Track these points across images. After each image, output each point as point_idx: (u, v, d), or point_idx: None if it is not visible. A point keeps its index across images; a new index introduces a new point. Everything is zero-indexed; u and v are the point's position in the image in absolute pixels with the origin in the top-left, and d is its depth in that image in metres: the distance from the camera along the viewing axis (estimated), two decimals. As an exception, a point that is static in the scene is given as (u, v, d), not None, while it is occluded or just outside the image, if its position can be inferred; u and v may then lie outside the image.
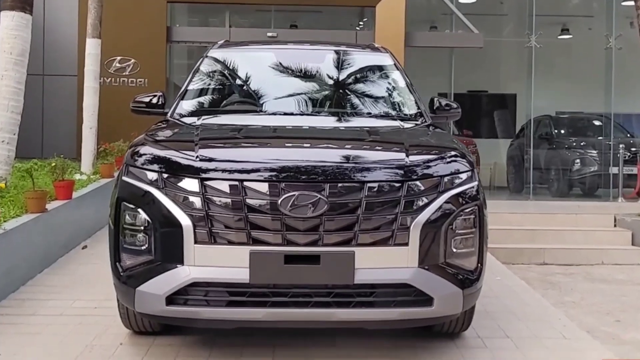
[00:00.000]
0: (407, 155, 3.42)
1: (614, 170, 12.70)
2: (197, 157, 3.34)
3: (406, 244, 3.21)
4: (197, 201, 3.19)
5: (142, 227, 3.31)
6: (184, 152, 3.43)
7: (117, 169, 8.60)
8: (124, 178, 3.45)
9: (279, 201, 3.13)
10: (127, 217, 3.37)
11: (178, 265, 3.18)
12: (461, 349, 3.78)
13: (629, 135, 14.13)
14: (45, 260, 5.57)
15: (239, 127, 4.06)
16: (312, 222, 3.15)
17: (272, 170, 3.26)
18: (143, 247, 3.31)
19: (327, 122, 4.41)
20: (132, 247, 3.34)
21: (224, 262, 3.15)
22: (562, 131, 14.82)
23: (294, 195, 3.13)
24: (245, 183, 3.19)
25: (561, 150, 13.85)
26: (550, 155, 14.12)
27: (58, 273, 5.46)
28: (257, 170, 3.25)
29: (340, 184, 3.21)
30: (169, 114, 4.40)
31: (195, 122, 4.06)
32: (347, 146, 3.73)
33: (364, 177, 3.26)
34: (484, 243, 3.50)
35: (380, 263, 3.20)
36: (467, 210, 3.40)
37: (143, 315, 3.45)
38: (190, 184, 3.23)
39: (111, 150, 9.32)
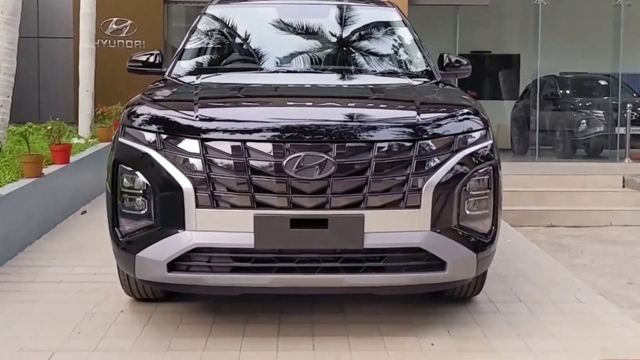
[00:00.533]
0: (418, 113, 3.24)
1: (620, 130, 12.52)
2: (197, 116, 3.16)
3: (418, 207, 3.06)
4: (197, 163, 3.03)
5: (141, 191, 3.15)
6: (183, 111, 3.26)
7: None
8: (121, 139, 3.28)
9: (284, 162, 2.97)
10: (124, 180, 3.22)
11: (179, 230, 3.04)
12: (474, 314, 3.66)
13: (635, 95, 13.89)
14: (44, 226, 5.44)
15: (240, 85, 3.87)
16: (319, 185, 2.99)
17: (276, 130, 3.09)
18: (142, 212, 3.16)
19: (331, 79, 4.22)
20: (131, 212, 3.19)
21: (227, 227, 3.01)
22: (568, 92, 14.60)
23: (299, 156, 2.97)
24: (248, 144, 3.02)
25: (566, 111, 13.64)
26: (556, 116, 13.91)
27: (57, 239, 5.33)
28: (261, 130, 3.08)
29: (348, 144, 3.04)
30: (166, 74, 4.21)
31: (194, 81, 3.87)
32: (354, 104, 3.55)
33: (373, 136, 3.09)
34: (498, 205, 3.35)
35: (390, 227, 3.05)
36: (481, 170, 3.24)
37: (144, 282, 3.32)
38: (190, 145, 3.06)
39: (109, 113, 9.12)
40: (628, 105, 12.18)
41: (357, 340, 3.27)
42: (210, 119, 3.18)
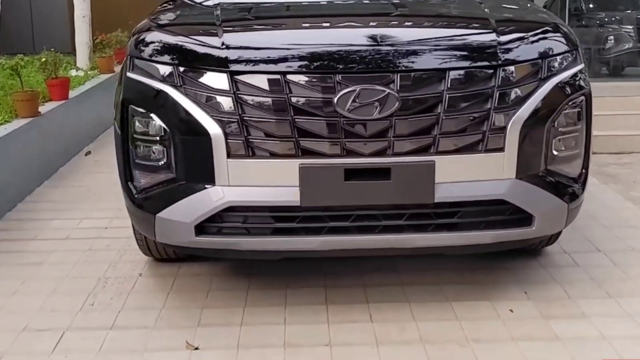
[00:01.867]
0: (497, 33, 2.61)
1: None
2: (223, 43, 2.54)
3: (501, 149, 2.48)
4: (227, 102, 2.44)
5: (158, 137, 2.58)
6: (204, 38, 2.65)
7: (118, 62, 7.76)
8: (130, 74, 2.67)
9: (335, 99, 2.37)
10: (137, 124, 2.64)
11: (208, 186, 2.48)
12: (549, 268, 3.14)
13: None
14: (44, 172, 4.87)
15: (270, 4, 3.22)
16: (379, 125, 2.41)
17: (322, 58, 2.49)
18: (161, 163, 2.59)
19: None
20: (147, 163, 2.63)
21: (266, 181, 2.45)
22: (593, 6, 13.71)
23: (354, 90, 2.37)
24: (288, 76, 2.41)
25: (592, 27, 12.82)
26: (581, 32, 13.08)
27: (60, 185, 4.77)
28: (304, 59, 2.48)
29: (414, 74, 2.43)
30: None
31: (210, 2, 3.22)
32: (416, 23, 2.90)
33: (446, 62, 2.48)
34: (589, 143, 2.77)
35: (467, 175, 2.49)
36: (573, 102, 2.65)
37: (167, 245, 2.79)
38: (217, 79, 2.46)
39: (108, 41, 8.40)
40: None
41: (420, 308, 2.76)
42: (240, 47, 2.57)
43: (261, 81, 2.42)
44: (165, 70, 2.55)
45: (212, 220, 2.50)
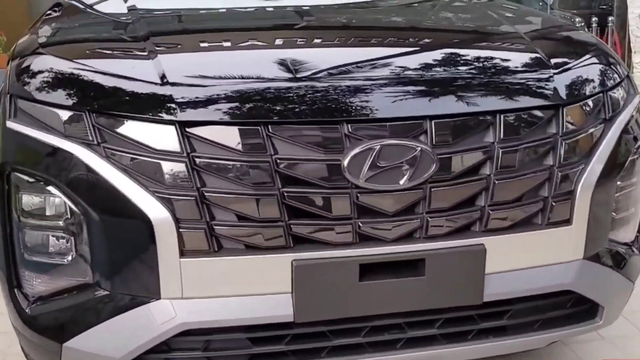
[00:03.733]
0: (547, 59, 1.90)
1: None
2: (162, 75, 1.66)
3: (567, 222, 1.77)
4: (176, 169, 1.56)
5: (62, 221, 1.66)
6: (130, 64, 1.77)
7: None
8: (11, 124, 1.72)
9: (345, 161, 1.57)
10: (25, 200, 1.70)
11: (149, 299, 1.59)
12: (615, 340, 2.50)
13: None
14: None
15: (211, 11, 2.35)
16: (408, 198, 1.63)
17: (323, 98, 1.66)
18: (67, 259, 1.68)
19: None
20: (44, 260, 1.70)
21: (241, 288, 1.60)
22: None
23: (372, 147, 1.58)
24: (273, 128, 1.58)
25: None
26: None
27: None
28: (296, 99, 1.64)
29: (455, 120, 1.67)
30: None
31: (118, 8, 2.31)
32: (446, 44, 2.10)
33: (494, 102, 1.73)
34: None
35: (524, 260, 1.76)
36: (637, 147, 1.99)
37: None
38: (158, 134, 1.58)
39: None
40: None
41: None
42: (191, 78, 1.70)
43: (230, 135, 1.57)
44: (70, 117, 1.64)
45: (157, 351, 1.62)
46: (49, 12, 2.44)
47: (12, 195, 1.70)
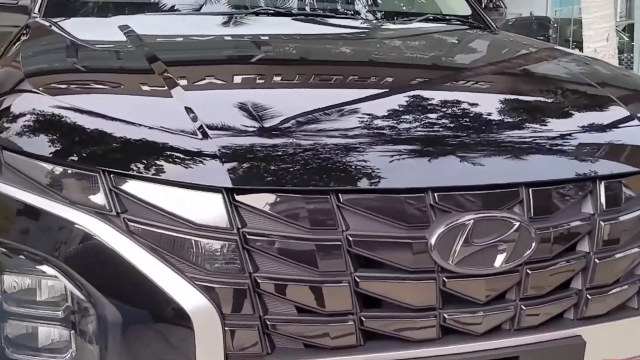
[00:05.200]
0: (631, 110, 1.65)
1: None
2: (199, 127, 1.31)
3: (666, 303, 1.51)
4: (224, 249, 1.21)
5: (60, 311, 1.29)
6: (154, 109, 1.41)
7: None
8: (-5, 184, 1.33)
9: (432, 240, 1.26)
10: (11, 281, 1.31)
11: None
12: None
13: None
14: None
15: (244, 40, 2.03)
16: (501, 283, 1.33)
17: (404, 160, 1.34)
18: (66, 357, 1.29)
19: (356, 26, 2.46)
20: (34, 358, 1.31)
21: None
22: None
23: (466, 221, 1.27)
24: (345, 197, 1.25)
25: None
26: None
27: None
28: (370, 162, 1.31)
29: (553, 189, 1.38)
30: (36, 8, 2.25)
31: (114, 33, 1.95)
32: (525, 94, 1.79)
33: (592, 166, 1.46)
34: None
35: (622, 352, 1.48)
36: None
37: None
38: (199, 203, 1.23)
39: None
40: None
41: None
42: (233, 132, 1.35)
43: (292, 206, 1.23)
44: (77, 178, 1.27)
45: None
46: (20, 34, 2.05)
47: (-6, 275, 1.31)
